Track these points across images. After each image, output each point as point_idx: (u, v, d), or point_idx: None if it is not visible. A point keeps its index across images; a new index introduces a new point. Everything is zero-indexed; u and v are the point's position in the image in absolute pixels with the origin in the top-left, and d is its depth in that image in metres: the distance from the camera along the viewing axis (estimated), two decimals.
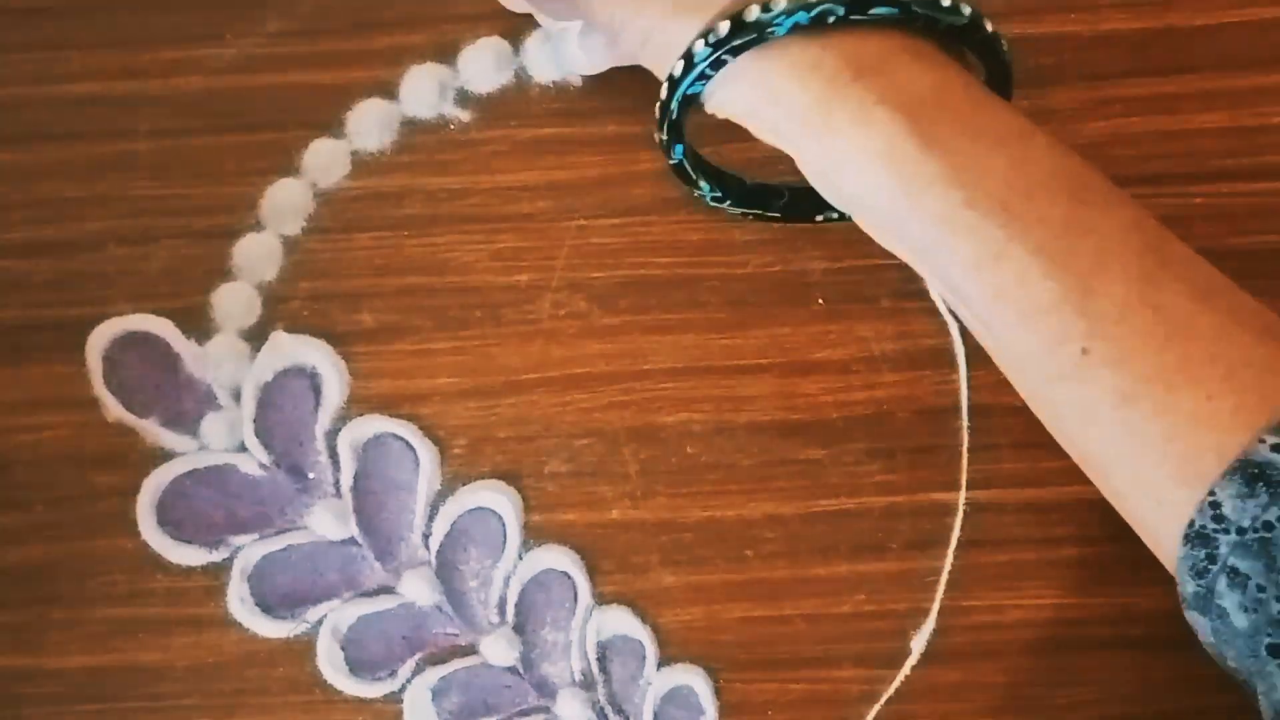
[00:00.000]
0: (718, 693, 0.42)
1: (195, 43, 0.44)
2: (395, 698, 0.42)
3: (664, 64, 0.35)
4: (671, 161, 0.38)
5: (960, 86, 0.34)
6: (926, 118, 0.33)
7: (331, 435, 0.43)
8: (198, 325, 0.43)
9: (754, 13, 0.33)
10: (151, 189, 0.44)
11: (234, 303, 0.43)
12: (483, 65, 0.44)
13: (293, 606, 0.42)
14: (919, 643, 0.41)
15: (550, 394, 0.43)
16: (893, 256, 0.43)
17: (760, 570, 0.42)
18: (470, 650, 0.42)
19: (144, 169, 0.44)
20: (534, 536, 0.42)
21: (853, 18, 0.33)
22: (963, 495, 0.42)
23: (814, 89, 0.33)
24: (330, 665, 0.42)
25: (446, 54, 0.44)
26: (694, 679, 0.42)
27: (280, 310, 0.43)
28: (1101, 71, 0.44)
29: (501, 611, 0.42)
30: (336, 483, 0.43)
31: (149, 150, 0.44)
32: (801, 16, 0.33)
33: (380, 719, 0.42)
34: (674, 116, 0.36)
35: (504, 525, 0.42)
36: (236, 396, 0.43)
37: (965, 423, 0.42)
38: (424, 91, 0.44)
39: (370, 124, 0.44)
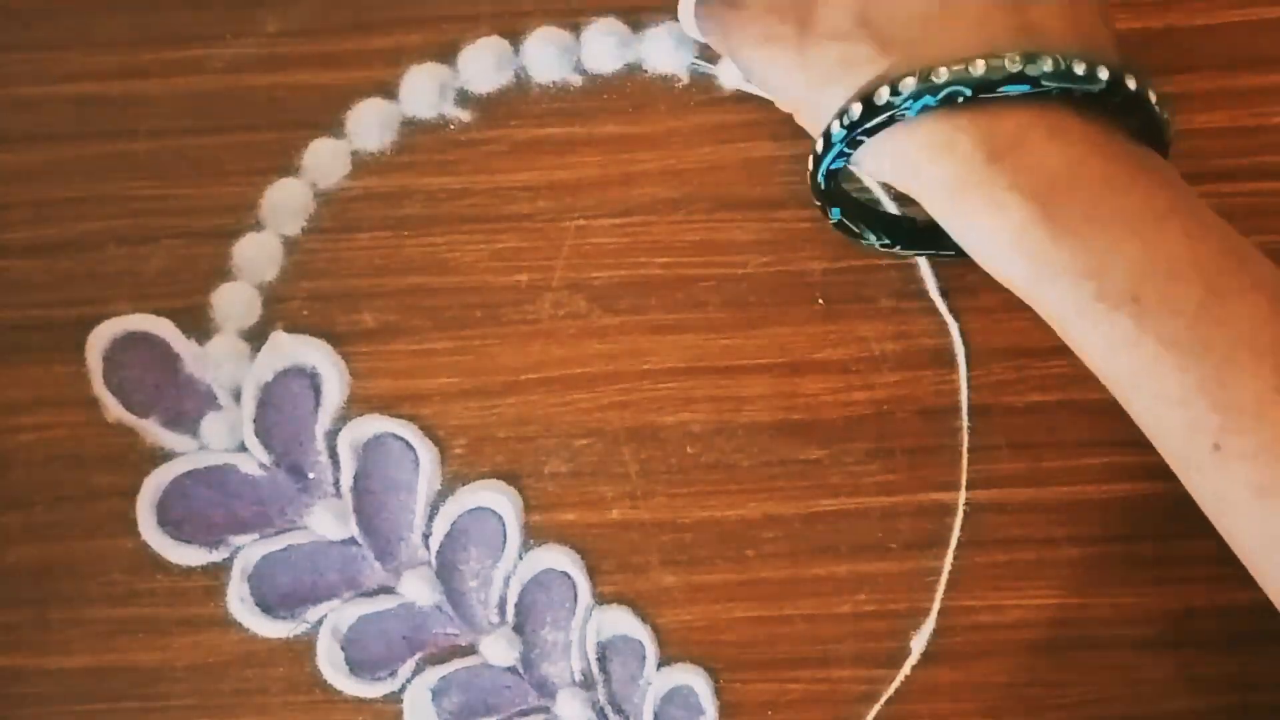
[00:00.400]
0: (718, 693, 0.42)
1: (195, 43, 0.44)
2: (395, 698, 0.42)
3: (812, 132, 0.36)
4: (832, 222, 0.38)
5: (1097, 164, 0.33)
6: (1057, 204, 0.32)
7: (331, 435, 0.43)
8: (198, 325, 0.43)
9: (883, 95, 0.33)
10: (151, 189, 0.44)
11: (234, 303, 0.43)
12: (483, 65, 0.44)
13: (293, 606, 0.42)
14: (919, 643, 0.41)
15: (550, 394, 0.43)
16: (894, 256, 0.43)
17: (760, 570, 0.42)
18: (470, 650, 0.42)
19: (144, 169, 0.44)
20: (534, 536, 0.42)
21: (982, 97, 0.32)
22: (963, 495, 0.42)
23: (948, 169, 0.33)
24: (330, 665, 0.42)
25: (446, 54, 0.44)
26: (694, 679, 0.42)
27: (280, 310, 0.43)
28: None
29: (501, 611, 0.42)
30: (336, 483, 0.43)
31: (149, 150, 0.44)
32: (929, 100, 0.32)
33: (380, 719, 0.42)
34: (822, 188, 0.36)
35: (504, 525, 0.42)
36: (236, 396, 0.43)
37: (965, 423, 0.42)
38: (424, 91, 0.44)
39: (370, 124, 0.44)
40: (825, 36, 0.34)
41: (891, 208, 0.42)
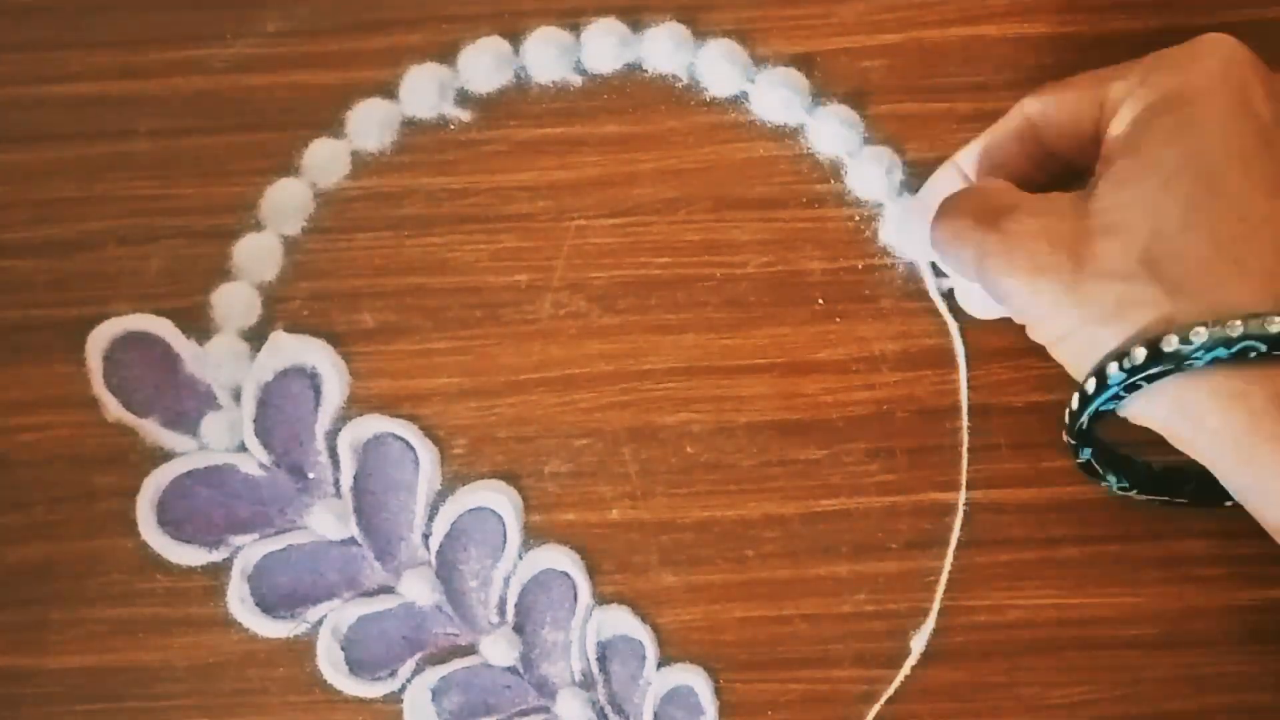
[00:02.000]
0: (718, 693, 0.42)
1: (195, 43, 0.44)
2: (395, 698, 0.42)
3: (1073, 366, 0.35)
4: (1079, 461, 0.37)
5: None
6: None
7: (331, 435, 0.43)
8: (198, 325, 0.43)
9: (1172, 343, 0.32)
10: (151, 189, 0.44)
11: (234, 303, 0.43)
12: (483, 65, 0.44)
13: (293, 606, 0.42)
14: (919, 643, 0.41)
15: (550, 394, 0.43)
16: (893, 256, 0.43)
17: (760, 570, 0.42)
18: (470, 650, 0.42)
19: (144, 169, 0.44)
20: (534, 536, 0.42)
21: (1275, 353, 0.32)
22: (963, 495, 0.42)
23: (1238, 421, 0.32)
24: (330, 665, 0.42)
25: (446, 54, 0.44)
26: (694, 679, 0.42)
27: (280, 310, 0.43)
28: None
29: (501, 611, 0.42)
30: (336, 483, 0.43)
31: (149, 150, 0.44)
32: (1221, 352, 0.32)
33: (380, 719, 0.42)
34: (1084, 427, 0.35)
35: (504, 525, 0.42)
36: (236, 396, 0.43)
37: (965, 423, 0.42)
38: (424, 91, 0.44)
39: (370, 124, 0.44)
40: (1104, 274, 0.33)
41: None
